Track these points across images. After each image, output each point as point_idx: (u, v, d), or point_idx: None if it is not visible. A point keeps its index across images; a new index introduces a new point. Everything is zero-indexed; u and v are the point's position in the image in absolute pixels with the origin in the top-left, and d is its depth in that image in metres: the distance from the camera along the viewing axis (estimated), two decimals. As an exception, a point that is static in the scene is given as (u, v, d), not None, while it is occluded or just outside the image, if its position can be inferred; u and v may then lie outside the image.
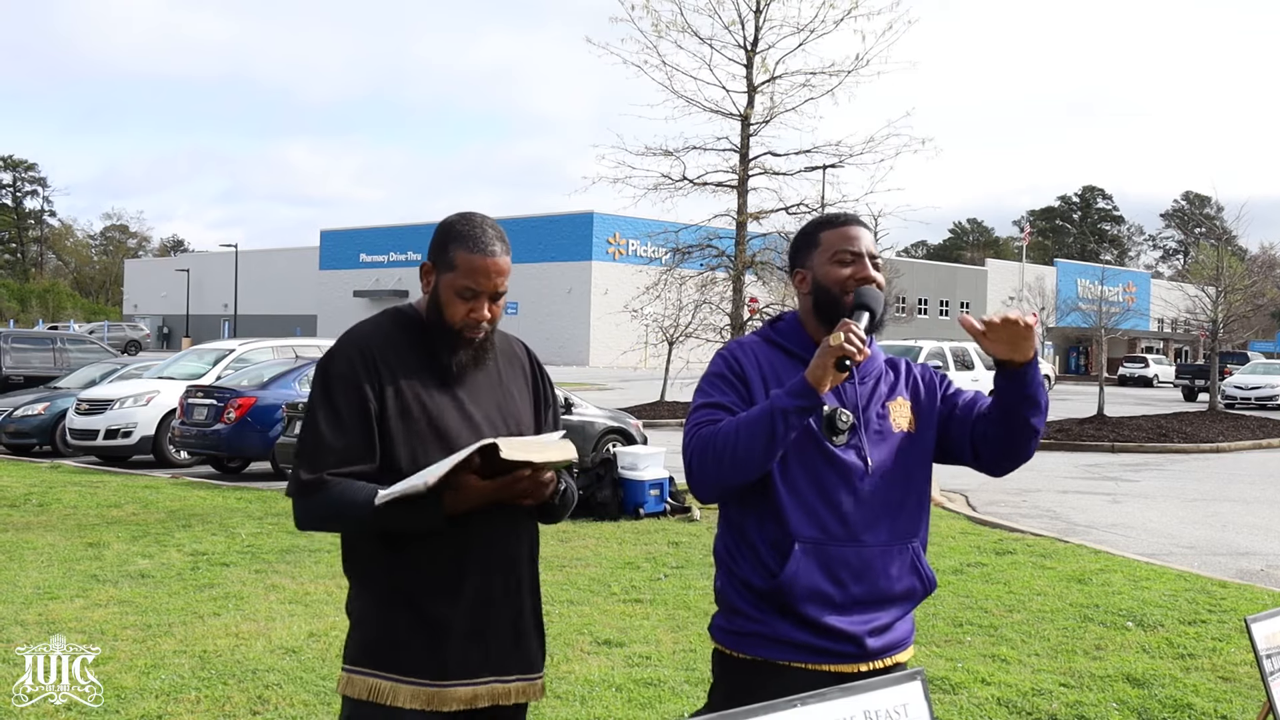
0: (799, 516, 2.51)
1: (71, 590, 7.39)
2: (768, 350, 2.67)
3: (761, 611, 2.54)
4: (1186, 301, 33.96)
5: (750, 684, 2.52)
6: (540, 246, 60.28)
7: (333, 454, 2.43)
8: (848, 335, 2.38)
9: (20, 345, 21.32)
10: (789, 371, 2.58)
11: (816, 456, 2.52)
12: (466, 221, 2.56)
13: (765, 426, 2.42)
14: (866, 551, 2.53)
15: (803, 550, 2.50)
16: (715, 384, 2.62)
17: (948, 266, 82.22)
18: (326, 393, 2.48)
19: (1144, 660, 6.06)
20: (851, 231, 2.65)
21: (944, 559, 8.91)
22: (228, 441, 14.01)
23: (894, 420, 2.62)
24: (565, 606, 7.13)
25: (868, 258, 2.63)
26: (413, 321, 2.60)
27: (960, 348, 25.77)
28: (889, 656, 2.59)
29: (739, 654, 2.57)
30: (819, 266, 2.64)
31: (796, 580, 2.49)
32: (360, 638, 2.50)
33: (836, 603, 2.51)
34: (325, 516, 2.45)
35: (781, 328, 2.72)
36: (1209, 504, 13.31)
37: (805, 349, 2.61)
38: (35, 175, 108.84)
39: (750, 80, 13.36)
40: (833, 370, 2.39)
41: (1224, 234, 31.22)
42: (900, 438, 2.62)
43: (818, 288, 2.64)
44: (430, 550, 2.46)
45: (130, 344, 57.68)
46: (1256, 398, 37.10)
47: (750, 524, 2.58)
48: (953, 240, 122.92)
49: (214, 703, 5.18)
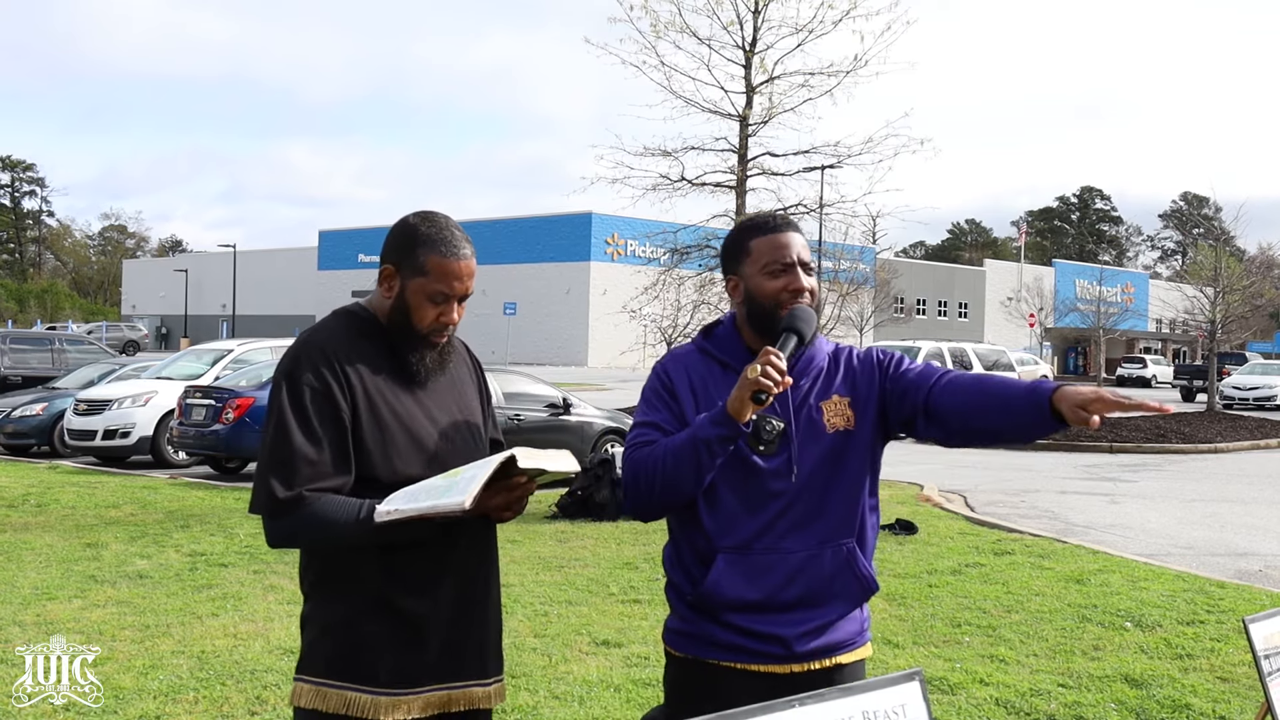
0: (720, 527, 2.52)
1: (70, 591, 7.39)
2: (701, 362, 2.64)
3: (694, 613, 2.57)
4: (1185, 302, 34.03)
5: (689, 681, 2.59)
6: (539, 247, 60.26)
7: (309, 467, 2.32)
8: (765, 369, 2.33)
9: (18, 345, 21.33)
10: (720, 385, 2.56)
11: (739, 467, 2.51)
12: (431, 223, 2.48)
13: (690, 455, 2.43)
14: (794, 557, 2.51)
15: (725, 560, 2.51)
16: (650, 400, 2.62)
17: (946, 267, 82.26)
18: (296, 402, 2.35)
19: (1142, 661, 6.07)
20: (782, 239, 2.59)
21: (942, 559, 8.92)
22: (226, 442, 13.99)
23: (828, 420, 2.58)
24: (564, 607, 7.13)
25: (799, 266, 2.58)
26: (369, 324, 2.51)
27: (958, 348, 25.77)
28: (827, 658, 2.56)
29: (678, 653, 2.62)
30: (750, 276, 2.59)
31: (718, 589, 2.51)
32: (334, 650, 2.39)
33: (762, 607, 2.51)
34: (304, 535, 2.34)
35: (718, 336, 2.68)
36: (1207, 504, 13.31)
37: (739, 359, 2.58)
38: (34, 175, 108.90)
39: (749, 81, 13.38)
40: (750, 403, 2.36)
41: (1222, 234, 31.27)
42: (834, 438, 2.57)
43: (750, 299, 2.60)
44: (416, 557, 2.40)
45: (128, 344, 57.64)
46: (1255, 398, 37.13)
47: (681, 534, 2.62)
48: (951, 241, 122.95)
49: (212, 703, 5.18)
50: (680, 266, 16.71)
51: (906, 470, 14.53)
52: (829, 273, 26.57)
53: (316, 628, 2.44)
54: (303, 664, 2.43)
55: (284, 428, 2.34)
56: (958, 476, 15.36)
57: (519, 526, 9.80)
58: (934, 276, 76.26)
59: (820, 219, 22.24)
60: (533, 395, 14.08)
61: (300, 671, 2.43)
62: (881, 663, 5.99)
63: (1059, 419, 2.39)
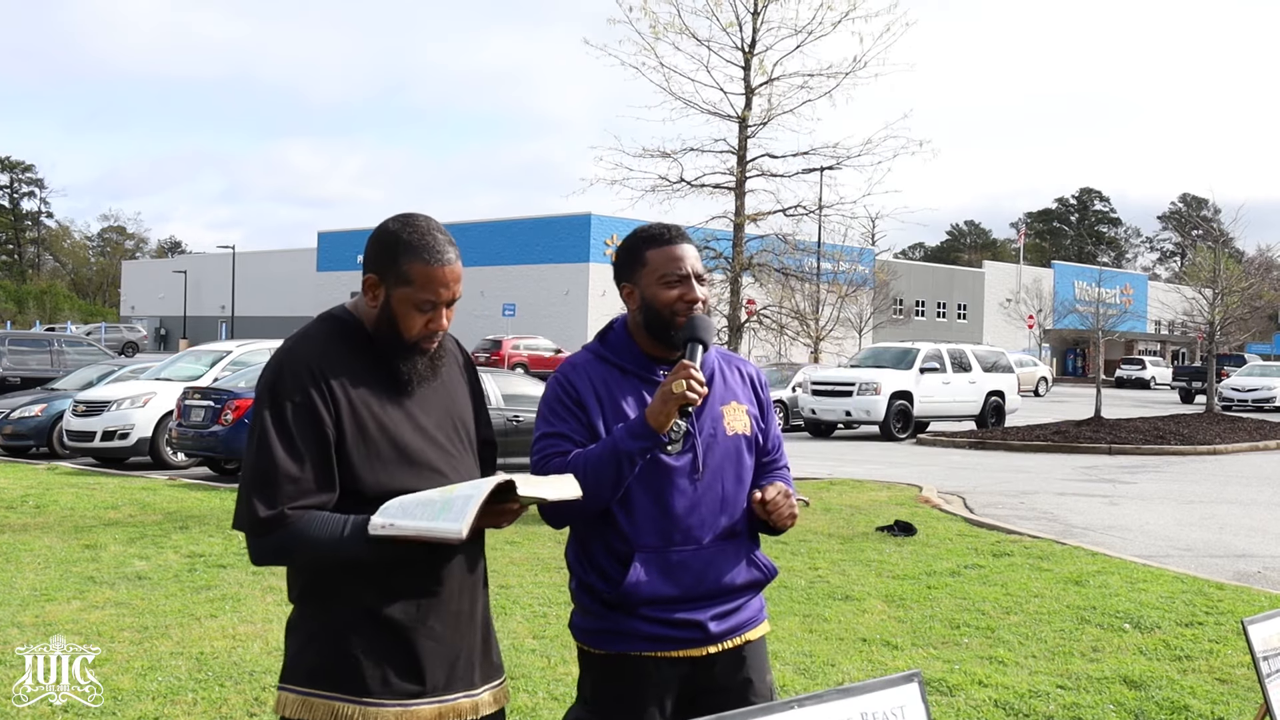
0: (636, 526, 2.63)
1: (68, 592, 7.39)
2: (601, 369, 2.73)
3: (612, 611, 2.65)
4: (1184, 303, 34.07)
5: (610, 676, 2.68)
6: (538, 248, 60.25)
7: (291, 485, 2.27)
8: (689, 384, 2.49)
9: (17, 347, 21.34)
10: (624, 390, 2.69)
11: (650, 467, 2.62)
12: (412, 228, 2.40)
13: (611, 466, 2.55)
14: (705, 552, 2.67)
15: (642, 559, 2.62)
16: (555, 410, 2.70)
17: (945, 268, 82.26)
18: (279, 417, 2.30)
19: (1141, 662, 6.07)
20: (677, 251, 2.72)
21: (941, 561, 8.92)
22: (225, 443, 14.00)
23: (728, 424, 2.73)
24: (563, 608, 7.13)
25: (693, 277, 2.71)
26: (354, 330, 2.44)
27: (957, 350, 25.75)
28: (737, 636, 2.72)
29: (596, 650, 2.69)
30: (647, 287, 2.71)
31: (638, 589, 2.61)
32: (319, 659, 2.34)
33: (679, 600, 2.64)
34: (288, 553, 2.30)
35: (612, 342, 2.78)
36: (1206, 506, 13.32)
37: (638, 365, 2.72)
38: (33, 176, 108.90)
39: (748, 82, 13.38)
40: (675, 415, 2.52)
41: (1221, 236, 31.25)
42: (734, 440, 2.73)
43: (647, 307, 2.71)
44: (403, 570, 2.35)
45: (127, 345, 57.57)
46: (1253, 400, 37.19)
47: (589, 534, 2.69)
48: (950, 242, 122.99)
49: (211, 704, 5.18)
50: (679, 268, 16.72)
51: (905, 472, 14.53)
52: (828, 274, 26.57)
53: (303, 636, 2.39)
54: (287, 673, 2.39)
55: (266, 444, 2.28)
56: (956, 478, 15.37)
57: (518, 528, 9.79)
58: (933, 278, 76.27)
59: (819, 220, 22.24)
60: (532, 396, 14.09)
61: (285, 680, 2.38)
62: (880, 664, 6.00)
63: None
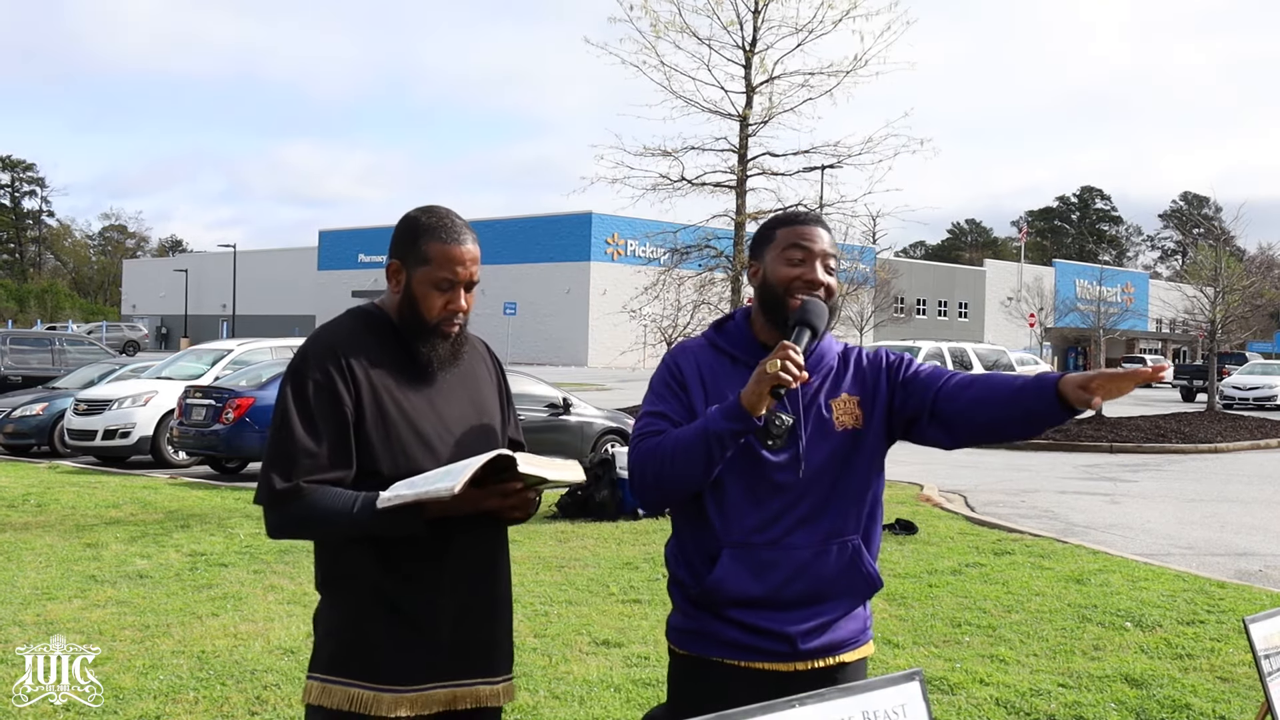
0: (726, 521, 2.52)
1: (70, 591, 7.39)
2: (711, 356, 2.64)
3: (698, 610, 2.56)
4: (1185, 302, 33.99)
5: (691, 678, 2.59)
6: (539, 247, 60.23)
7: (308, 459, 2.37)
8: (784, 364, 2.34)
9: (19, 345, 21.34)
10: (730, 379, 2.56)
11: (747, 461, 2.51)
12: (432, 214, 2.54)
13: (700, 447, 2.42)
14: (799, 553, 2.51)
15: (730, 555, 2.51)
16: (659, 390, 2.62)
17: (946, 267, 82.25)
18: (300, 397, 2.41)
19: (1142, 661, 6.07)
20: (808, 230, 2.62)
21: (942, 559, 8.92)
22: (226, 442, 14.00)
23: (838, 418, 2.59)
24: (564, 607, 7.14)
25: (820, 259, 2.59)
26: (380, 321, 2.55)
27: (958, 348, 25.76)
28: (830, 657, 2.56)
29: (682, 650, 2.61)
30: (770, 263, 2.61)
31: (722, 585, 2.50)
32: (337, 646, 2.45)
33: (766, 604, 2.51)
34: (302, 525, 2.39)
35: (728, 329, 2.68)
36: (1207, 504, 13.31)
37: (749, 353, 2.59)
38: (34, 175, 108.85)
39: (749, 80, 13.38)
40: (768, 396, 2.37)
41: (1222, 234, 31.20)
42: (843, 436, 2.58)
43: (765, 284, 2.61)
44: (415, 555, 2.43)
45: (128, 344, 57.65)
46: (1255, 398, 37.12)
47: (685, 528, 2.61)
48: (951, 241, 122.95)
49: (212, 703, 5.18)
50: (680, 266, 16.71)
51: (906, 470, 14.51)
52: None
53: (324, 625, 2.50)
54: (312, 661, 2.49)
55: (287, 420, 2.40)
56: (958, 476, 15.36)
57: (518, 526, 9.80)
58: (934, 276, 76.26)
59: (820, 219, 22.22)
60: (533, 395, 14.09)
61: (310, 669, 2.48)
62: (881, 663, 6.00)
63: (1065, 406, 2.42)
